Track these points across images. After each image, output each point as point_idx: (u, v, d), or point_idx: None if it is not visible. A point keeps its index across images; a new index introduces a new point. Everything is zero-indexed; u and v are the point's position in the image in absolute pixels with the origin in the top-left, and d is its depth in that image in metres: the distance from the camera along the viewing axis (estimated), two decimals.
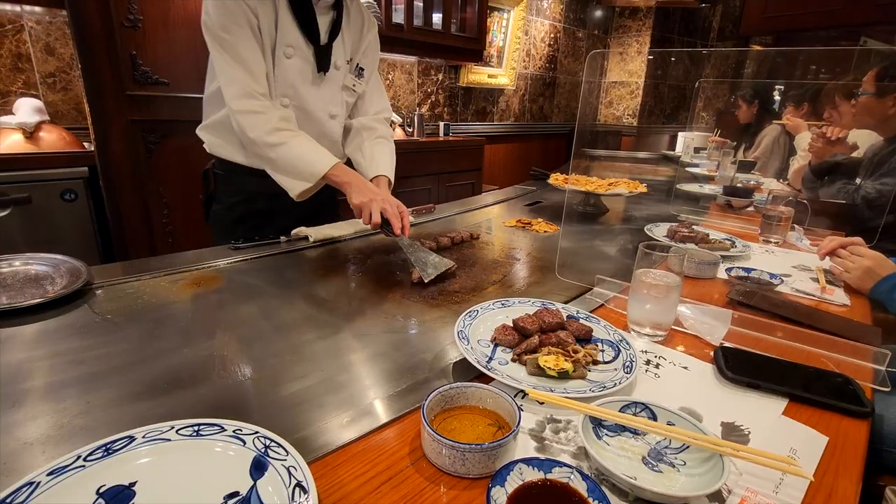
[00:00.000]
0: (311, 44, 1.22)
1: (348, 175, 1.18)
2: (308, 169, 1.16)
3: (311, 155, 1.17)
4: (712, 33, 5.65)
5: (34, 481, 0.43)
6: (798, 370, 0.73)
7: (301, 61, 1.22)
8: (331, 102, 1.33)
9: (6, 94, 2.07)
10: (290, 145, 1.16)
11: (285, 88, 1.22)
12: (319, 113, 1.31)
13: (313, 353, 0.77)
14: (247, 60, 1.12)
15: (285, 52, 1.19)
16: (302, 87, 1.24)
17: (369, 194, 1.13)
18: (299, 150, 1.16)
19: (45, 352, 0.73)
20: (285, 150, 1.15)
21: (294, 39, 1.19)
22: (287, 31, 1.17)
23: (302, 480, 0.45)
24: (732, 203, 1.95)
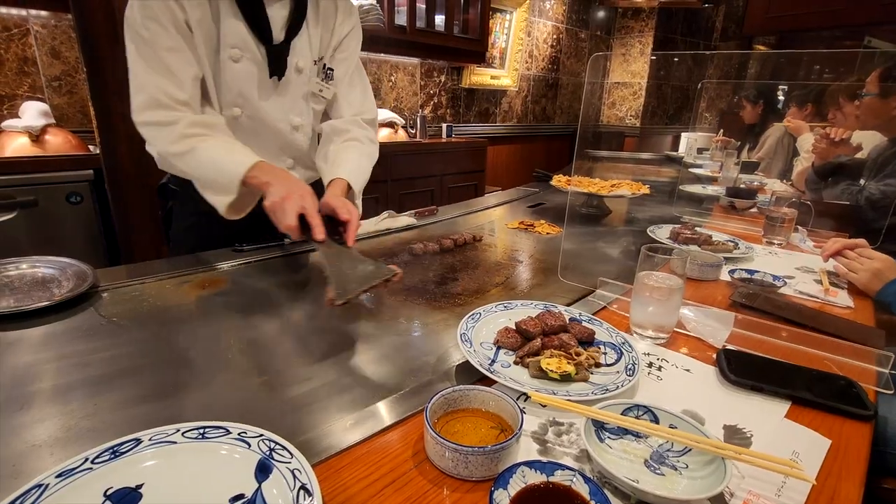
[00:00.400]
0: (262, 43, 1.03)
1: (269, 174, 0.94)
2: (223, 177, 0.94)
3: (224, 159, 0.96)
4: (715, 33, 5.64)
5: (43, 483, 0.43)
6: (801, 373, 0.73)
7: (251, 65, 1.04)
8: (292, 111, 1.15)
9: (12, 98, 2.09)
10: (197, 152, 0.95)
11: (233, 97, 1.06)
12: (279, 124, 1.14)
13: (317, 355, 0.77)
14: (165, 63, 0.94)
15: (231, 55, 1.01)
16: (255, 96, 1.08)
17: (285, 191, 0.89)
18: (209, 156, 0.95)
19: (51, 354, 0.74)
20: (192, 159, 0.96)
21: (240, 39, 1.01)
22: (231, 28, 0.99)
23: (306, 483, 0.45)
24: (735, 204, 1.95)
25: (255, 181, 0.94)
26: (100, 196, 2.00)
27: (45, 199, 1.88)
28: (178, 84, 0.96)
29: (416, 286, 1.05)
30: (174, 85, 0.95)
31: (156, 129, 0.96)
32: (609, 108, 5.55)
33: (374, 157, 1.20)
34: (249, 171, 0.93)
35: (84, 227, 2.00)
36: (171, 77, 0.95)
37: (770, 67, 4.22)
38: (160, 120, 0.95)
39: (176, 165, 1.00)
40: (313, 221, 0.86)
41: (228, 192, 0.95)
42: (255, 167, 0.94)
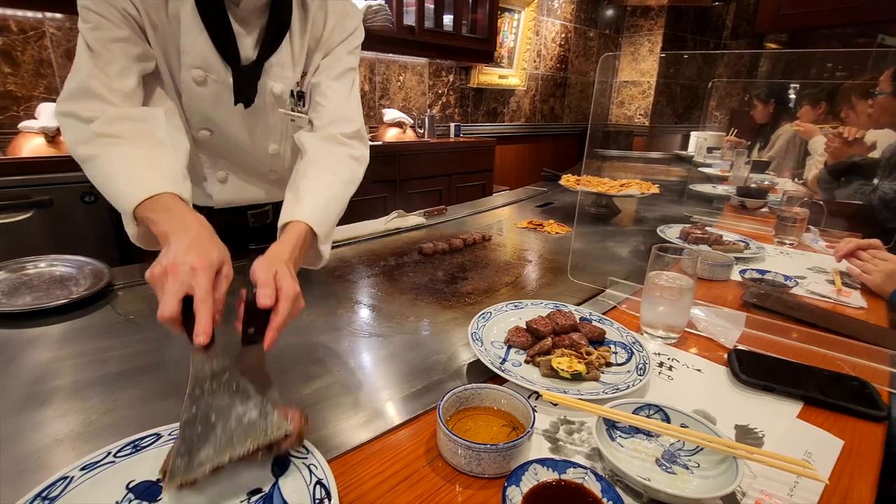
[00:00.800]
0: (227, 65, 0.89)
1: (168, 220, 0.67)
2: (120, 198, 0.72)
3: (120, 179, 0.72)
4: (726, 32, 5.60)
5: (68, 476, 0.45)
6: (813, 373, 0.73)
7: (219, 87, 0.91)
8: (269, 138, 1.03)
9: (29, 100, 2.12)
10: (97, 161, 0.75)
11: (200, 120, 0.95)
12: (256, 150, 1.03)
13: (328, 353, 0.78)
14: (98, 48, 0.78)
15: (194, 77, 0.88)
16: (224, 121, 0.95)
17: (172, 258, 0.59)
18: (106, 171, 0.74)
19: (71, 351, 0.75)
20: (91, 169, 0.76)
21: (203, 59, 0.87)
22: (194, 45, 0.85)
23: (322, 478, 0.46)
24: (746, 204, 1.93)
25: (151, 225, 0.69)
26: None
27: (60, 199, 1.91)
28: (120, 75, 0.80)
29: (426, 285, 1.05)
30: (116, 75, 0.79)
31: (73, 123, 0.77)
32: (618, 107, 5.53)
33: (354, 180, 0.96)
34: (143, 205, 0.69)
35: (97, 227, 2.03)
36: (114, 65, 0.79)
37: (781, 66, 4.18)
38: (81, 113, 0.76)
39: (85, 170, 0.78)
40: (199, 313, 0.55)
41: (122, 211, 0.73)
42: (151, 202, 0.69)
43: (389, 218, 1.50)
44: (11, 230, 1.82)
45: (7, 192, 1.80)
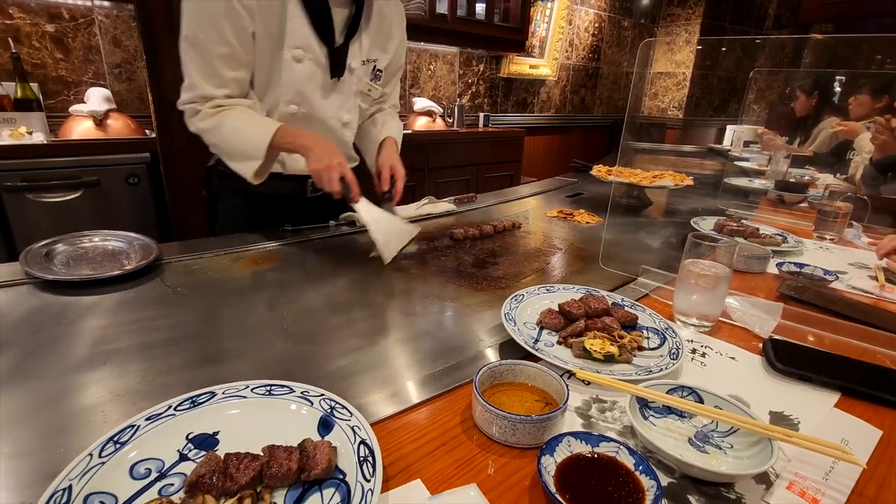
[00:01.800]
0: (324, 45, 1.09)
1: (302, 137, 1.03)
2: (249, 145, 1.03)
3: (248, 128, 1.05)
4: (767, 21, 5.38)
5: (135, 424, 0.48)
6: (852, 365, 0.72)
7: (312, 65, 1.10)
8: (343, 109, 1.21)
9: (78, 84, 2.22)
10: (223, 124, 1.04)
11: (292, 95, 1.11)
12: (331, 121, 1.20)
13: (364, 329, 0.81)
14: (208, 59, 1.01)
15: (294, 56, 1.07)
16: (312, 94, 1.14)
17: (326, 158, 1.00)
18: (235, 126, 1.04)
19: (125, 318, 0.80)
20: (220, 132, 1.05)
21: (304, 40, 1.07)
22: (297, 30, 1.05)
23: (366, 439, 0.49)
24: (785, 198, 1.88)
25: (288, 145, 1.04)
26: (154, 178, 2.11)
27: (106, 180, 2.00)
28: (218, 88, 1.05)
29: (458, 269, 1.07)
30: (217, 88, 1.05)
31: (189, 116, 1.07)
32: (651, 99, 5.40)
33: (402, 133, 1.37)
34: (276, 136, 1.02)
35: (140, 207, 2.12)
36: (215, 81, 1.04)
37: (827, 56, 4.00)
38: (194, 109, 1.06)
39: (208, 140, 1.08)
40: (354, 189, 1.02)
41: (255, 157, 1.03)
42: (280, 131, 1.02)
43: (420, 204, 1.52)
44: (62, 208, 1.93)
45: (58, 172, 1.89)
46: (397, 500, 0.46)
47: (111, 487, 0.43)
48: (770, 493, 0.48)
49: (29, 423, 0.55)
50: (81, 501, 0.41)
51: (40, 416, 0.56)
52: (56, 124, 2.12)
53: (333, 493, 0.44)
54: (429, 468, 0.50)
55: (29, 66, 2.10)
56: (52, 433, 0.54)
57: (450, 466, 0.51)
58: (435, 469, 0.50)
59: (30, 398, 0.59)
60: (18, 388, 0.61)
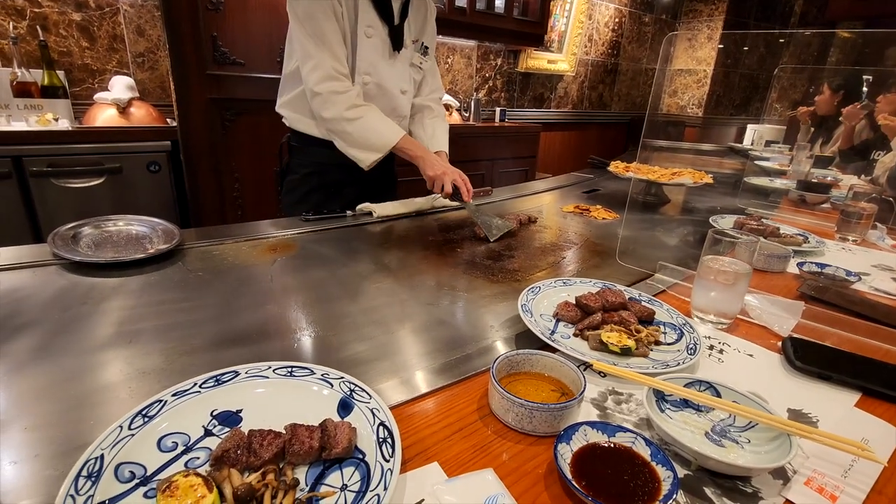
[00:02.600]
0: (385, 24, 1.32)
1: (419, 149, 1.34)
2: (380, 141, 1.30)
3: (382, 128, 1.30)
4: (793, 18, 5.26)
5: (162, 399, 0.50)
6: (873, 365, 0.71)
7: (379, 41, 1.33)
8: (402, 79, 1.43)
9: (103, 72, 2.26)
10: (364, 119, 1.28)
11: (366, 66, 1.33)
12: (394, 89, 1.41)
13: (381, 317, 0.82)
14: (331, 44, 1.23)
15: (366, 32, 1.29)
16: (380, 65, 1.35)
17: (440, 167, 1.30)
18: (372, 123, 1.29)
19: (149, 300, 0.82)
20: (360, 124, 1.28)
21: (372, 20, 1.30)
22: (366, 13, 1.29)
23: (385, 420, 0.50)
24: (807, 198, 1.85)
25: (407, 151, 1.32)
26: (175, 166, 2.14)
27: (128, 167, 2.04)
28: (339, 61, 1.26)
29: (473, 261, 1.08)
30: (338, 62, 1.26)
31: (333, 97, 1.26)
32: (670, 96, 5.32)
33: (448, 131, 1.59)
34: (401, 140, 1.31)
35: (160, 194, 2.15)
36: (335, 56, 1.25)
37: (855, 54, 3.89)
38: (336, 89, 1.25)
39: (343, 127, 1.28)
40: (464, 191, 1.30)
41: (380, 151, 1.30)
42: (404, 138, 1.32)
43: (436, 196, 1.52)
44: (86, 194, 1.97)
45: (82, 158, 1.93)
46: (415, 481, 0.46)
47: (140, 458, 0.44)
48: (787, 488, 0.48)
49: (59, 397, 0.57)
50: (113, 470, 0.42)
51: (69, 391, 0.58)
52: (80, 111, 2.17)
53: (353, 472, 0.45)
54: (445, 452, 0.51)
55: (56, 53, 2.14)
56: (81, 407, 0.56)
57: (466, 451, 0.51)
58: (451, 453, 0.51)
59: (59, 373, 0.61)
60: (48, 363, 0.63)
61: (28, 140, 1.84)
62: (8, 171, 1.81)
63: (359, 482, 0.44)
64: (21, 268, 0.89)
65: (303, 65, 1.26)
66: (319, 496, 0.42)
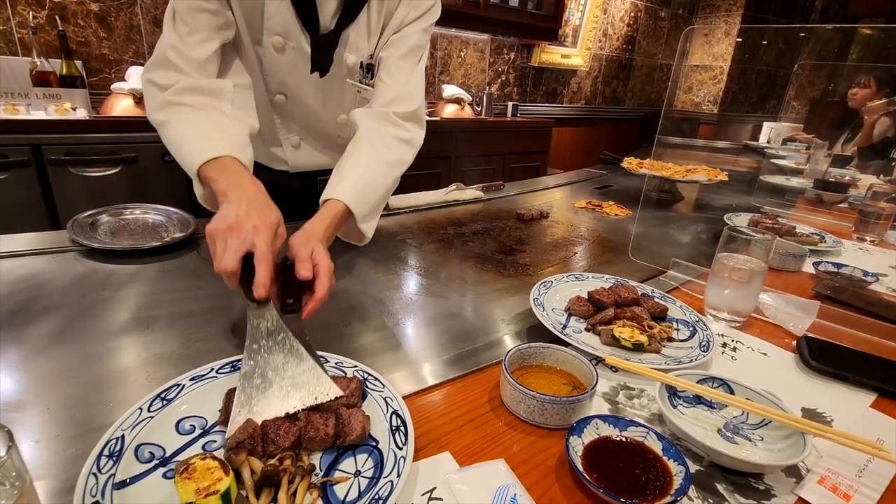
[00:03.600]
0: (307, 33, 0.91)
1: (230, 180, 0.71)
2: (185, 161, 0.77)
3: (188, 141, 0.77)
4: (814, 14, 5.15)
5: (180, 383, 0.51)
6: (890, 366, 0.70)
7: (296, 55, 0.93)
8: (339, 104, 1.05)
9: (120, 63, 2.28)
10: (169, 126, 0.80)
11: (276, 85, 0.98)
12: (325, 116, 1.06)
13: (392, 309, 0.82)
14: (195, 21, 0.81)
15: (273, 44, 0.91)
16: (300, 85, 0.98)
17: (234, 216, 0.63)
18: (177, 134, 0.79)
19: (166, 287, 0.83)
20: (164, 133, 0.81)
21: (284, 25, 0.89)
22: (277, 11, 0.87)
23: (398, 409, 0.50)
24: (824, 198, 1.82)
25: (212, 184, 0.73)
26: None
27: (144, 157, 2.06)
28: (199, 45, 0.82)
29: (484, 254, 1.08)
30: (195, 45, 0.82)
31: (151, 90, 0.82)
32: (685, 92, 5.25)
33: (401, 162, 0.93)
34: (206, 165, 0.73)
35: (175, 184, 2.17)
36: (195, 35, 0.82)
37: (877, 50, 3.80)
38: (159, 81, 0.81)
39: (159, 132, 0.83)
40: (259, 269, 0.59)
41: (188, 170, 0.77)
42: (214, 163, 0.73)
43: (448, 190, 1.52)
44: (102, 183, 1.99)
45: (99, 147, 1.96)
46: (427, 469, 0.47)
47: (159, 440, 0.45)
48: (800, 486, 0.48)
49: (78, 380, 0.58)
50: (133, 450, 0.43)
51: (89, 374, 0.59)
52: (98, 101, 2.19)
53: (367, 459, 0.45)
54: (457, 442, 0.51)
55: (74, 43, 2.17)
56: (100, 389, 0.57)
57: (478, 441, 0.52)
58: (463, 443, 0.51)
59: (79, 357, 0.62)
60: (68, 347, 0.64)
61: (47, 129, 1.87)
62: (27, 159, 1.83)
63: (372, 468, 0.44)
64: (41, 253, 0.91)
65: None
66: (334, 481, 0.43)
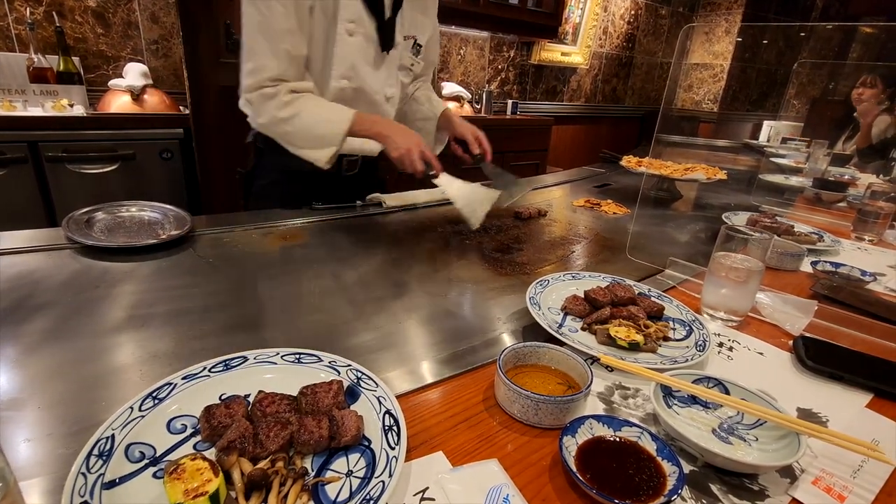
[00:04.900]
0: (374, 18, 1.11)
1: (378, 124, 1.09)
2: (329, 131, 1.06)
3: (327, 115, 1.08)
4: (815, 13, 5.14)
5: (172, 382, 0.51)
6: (887, 367, 0.69)
7: (363, 39, 1.12)
8: (388, 83, 1.23)
9: (117, 59, 2.28)
10: (303, 113, 1.07)
11: (344, 69, 1.13)
12: (376, 95, 1.21)
13: (388, 307, 0.82)
14: (279, 43, 1.03)
15: (347, 29, 1.08)
16: (362, 68, 1.15)
17: (405, 143, 1.05)
18: (314, 115, 1.07)
19: (161, 285, 0.83)
20: (300, 121, 1.07)
21: (356, 14, 1.09)
22: (349, 5, 1.07)
23: (391, 409, 0.50)
24: (822, 197, 1.82)
25: (364, 132, 1.08)
26: (187, 153, 2.16)
27: (141, 154, 2.06)
28: (287, 65, 1.05)
29: (482, 253, 1.07)
30: (285, 66, 1.05)
31: (262, 102, 1.06)
32: (685, 91, 5.24)
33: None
34: (353, 123, 1.07)
35: (172, 181, 2.17)
36: (284, 59, 1.04)
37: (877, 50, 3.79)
38: (265, 94, 1.05)
39: (282, 129, 1.08)
40: (435, 165, 1.08)
41: (333, 144, 1.07)
42: (356, 118, 1.07)
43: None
44: (99, 180, 1.99)
45: (97, 144, 1.96)
46: (420, 470, 0.47)
47: (150, 439, 0.45)
48: (795, 486, 0.48)
49: (71, 378, 0.58)
50: (123, 449, 0.43)
51: (82, 372, 0.59)
52: (95, 98, 2.18)
53: (359, 459, 0.45)
54: (451, 441, 0.51)
55: (71, 40, 2.16)
56: (93, 387, 0.57)
57: (471, 441, 0.51)
58: (457, 443, 0.51)
59: (72, 355, 0.62)
60: (61, 345, 0.64)
61: (44, 125, 1.86)
62: (24, 156, 1.83)
63: (364, 468, 0.44)
64: (36, 251, 0.91)
65: (243, 61, 1.05)
66: (325, 481, 0.43)
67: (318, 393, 0.50)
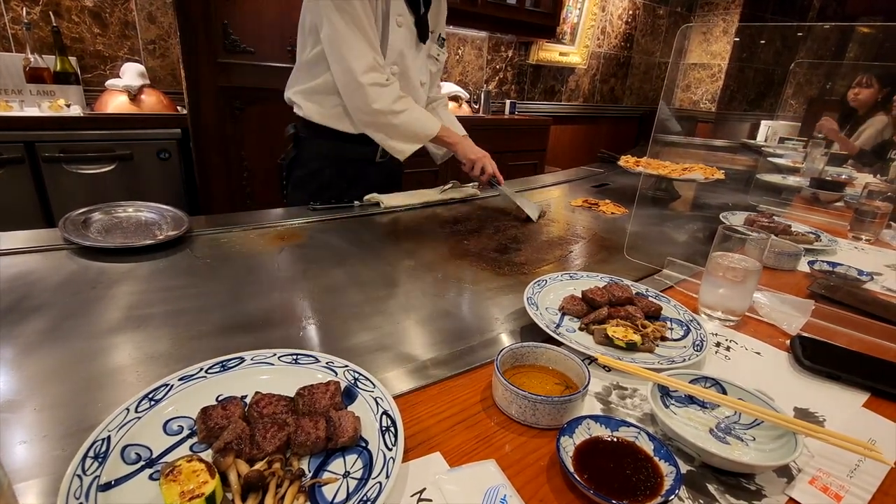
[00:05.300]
0: (413, 13, 1.31)
1: (455, 136, 1.42)
2: (423, 131, 1.32)
3: (424, 118, 1.33)
4: (812, 13, 5.15)
5: (169, 383, 0.50)
6: (884, 366, 0.70)
7: (406, 30, 1.31)
8: (422, 70, 1.42)
9: (114, 59, 2.27)
10: (410, 111, 1.29)
11: (395, 56, 1.31)
12: (415, 80, 1.40)
13: (386, 307, 0.82)
14: (367, 32, 1.20)
15: (397, 21, 1.27)
16: (407, 55, 1.34)
17: (478, 152, 1.41)
18: (416, 114, 1.31)
19: (158, 286, 0.83)
20: (407, 116, 1.29)
21: (402, 9, 1.28)
22: (397, 2, 1.26)
23: (388, 409, 0.50)
24: (819, 196, 1.82)
25: (446, 139, 1.38)
26: (184, 154, 2.15)
27: (139, 154, 2.05)
28: (376, 50, 1.24)
29: (480, 253, 1.07)
30: (375, 51, 1.23)
31: (379, 89, 1.23)
32: (683, 90, 5.25)
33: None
34: (441, 129, 1.35)
35: (170, 182, 2.17)
36: (372, 45, 1.22)
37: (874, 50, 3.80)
38: (380, 81, 1.23)
39: (387, 119, 1.27)
40: (499, 176, 1.44)
41: (421, 141, 1.34)
42: (443, 128, 1.36)
43: (444, 188, 1.52)
44: (97, 180, 1.99)
45: (94, 144, 1.95)
46: (417, 471, 0.47)
47: (146, 440, 0.45)
48: (791, 486, 0.48)
49: (68, 379, 0.58)
50: (119, 451, 0.43)
51: (78, 373, 0.59)
52: (92, 98, 2.18)
53: (356, 460, 0.45)
54: (448, 442, 0.51)
55: (68, 40, 2.15)
56: (90, 389, 0.56)
57: (469, 442, 0.51)
58: (454, 443, 0.51)
59: (68, 356, 0.62)
60: (57, 346, 0.64)
61: (40, 126, 1.85)
62: (21, 157, 1.82)
63: (361, 469, 0.44)
64: (33, 251, 0.90)
65: (341, 54, 1.19)
66: (322, 482, 0.43)
67: (315, 394, 0.50)
